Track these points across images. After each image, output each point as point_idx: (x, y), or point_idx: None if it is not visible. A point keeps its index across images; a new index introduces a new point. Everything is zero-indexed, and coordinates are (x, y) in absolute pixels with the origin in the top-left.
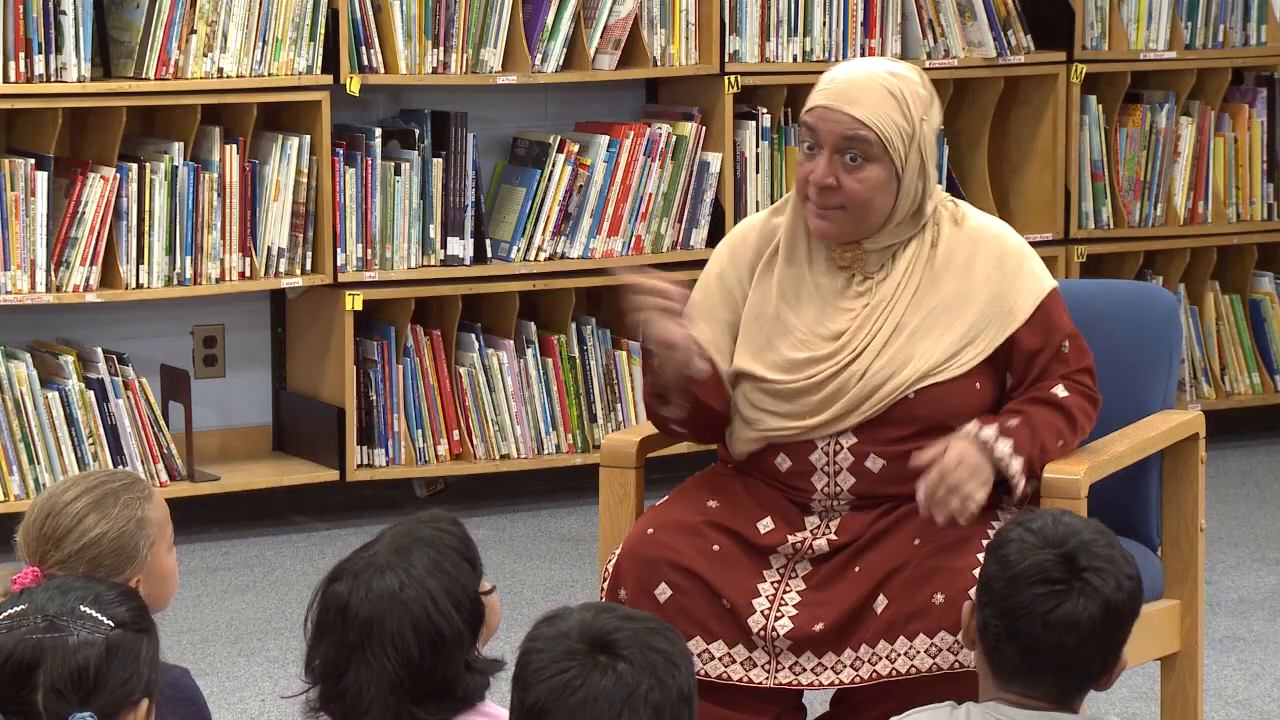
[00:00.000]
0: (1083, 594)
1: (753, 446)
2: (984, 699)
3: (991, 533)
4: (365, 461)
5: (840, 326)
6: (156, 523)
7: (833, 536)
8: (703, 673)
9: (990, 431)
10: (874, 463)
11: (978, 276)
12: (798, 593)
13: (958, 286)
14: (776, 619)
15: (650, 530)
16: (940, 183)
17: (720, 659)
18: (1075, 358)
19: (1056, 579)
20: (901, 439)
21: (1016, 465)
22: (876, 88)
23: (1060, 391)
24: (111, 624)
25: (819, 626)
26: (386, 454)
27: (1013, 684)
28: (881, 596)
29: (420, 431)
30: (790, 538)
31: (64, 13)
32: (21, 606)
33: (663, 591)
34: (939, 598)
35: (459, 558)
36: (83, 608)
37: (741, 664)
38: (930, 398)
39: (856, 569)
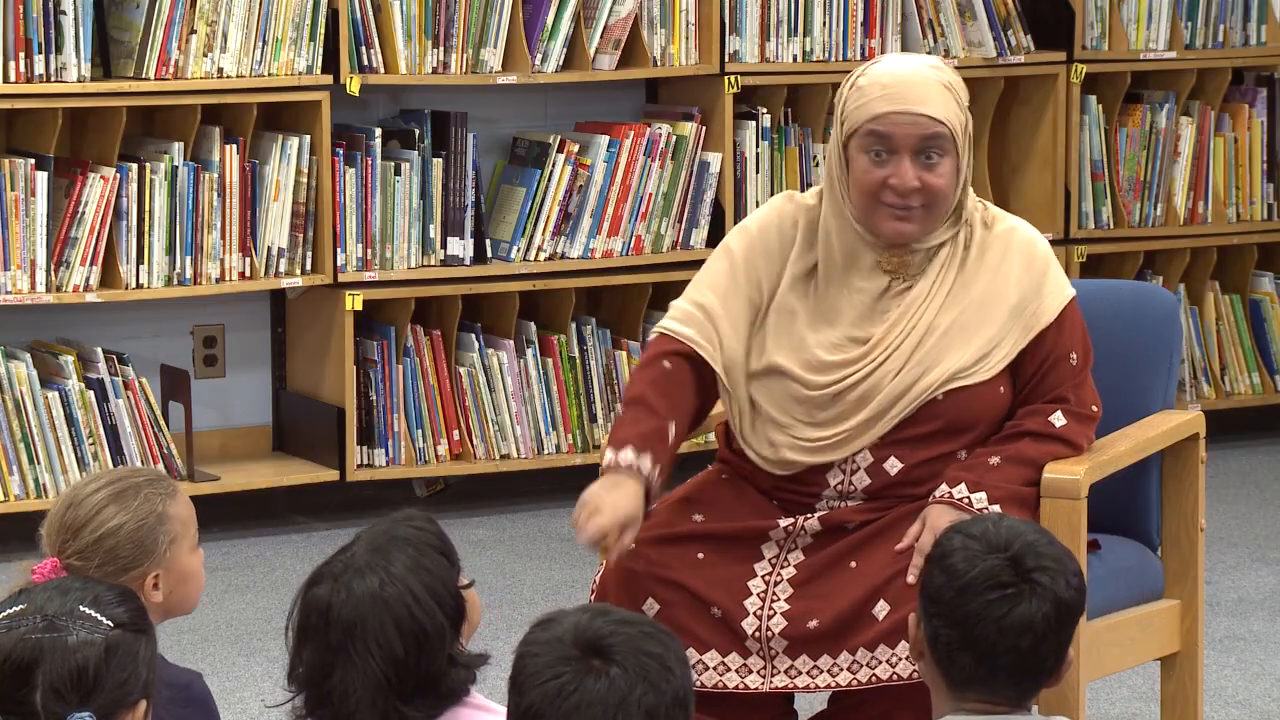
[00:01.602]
0: (1035, 595)
1: (784, 471)
2: (939, 713)
3: None
4: (365, 461)
5: (874, 328)
6: (179, 520)
7: (822, 513)
8: (698, 683)
9: (962, 489)
10: (892, 465)
11: (1009, 278)
12: (789, 582)
13: (989, 287)
14: (770, 617)
15: (632, 545)
16: None
17: (714, 668)
18: (1080, 369)
19: (1007, 583)
20: (923, 440)
21: (996, 512)
22: (934, 83)
23: (1057, 420)
24: (110, 624)
25: (813, 623)
26: (386, 454)
27: (970, 691)
28: (882, 602)
29: (420, 431)
30: (781, 522)
31: (64, 13)
32: (20, 606)
33: (650, 606)
34: None
35: (436, 554)
36: (82, 608)
37: (736, 671)
38: (958, 400)
39: (853, 565)
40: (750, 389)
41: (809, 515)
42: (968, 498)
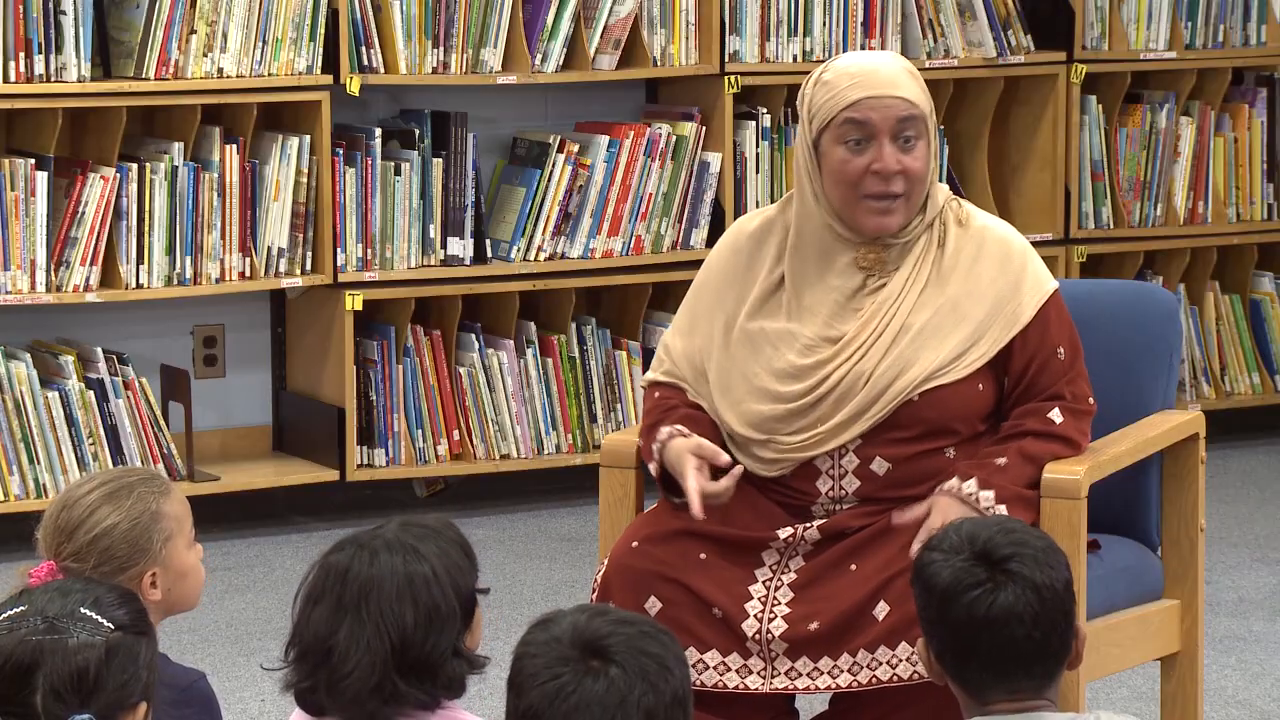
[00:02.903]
0: (1010, 583)
1: (773, 472)
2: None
3: None
4: (365, 461)
5: (847, 327)
6: (173, 517)
7: (821, 521)
8: (698, 682)
9: (972, 485)
10: (879, 466)
11: (983, 278)
12: (790, 586)
13: (964, 287)
14: (770, 620)
15: (635, 543)
16: (940, 180)
17: (715, 668)
18: (1070, 364)
19: (981, 579)
20: (906, 440)
21: (1002, 512)
22: (900, 69)
23: (1056, 417)
24: (111, 626)
25: (814, 626)
26: (386, 454)
27: (990, 694)
28: (883, 603)
29: (420, 431)
30: (780, 533)
31: (64, 13)
32: (21, 608)
33: (653, 605)
34: None
35: (460, 553)
36: (82, 610)
37: (737, 671)
38: (934, 400)
39: (853, 567)
40: (725, 414)
41: (808, 525)
42: (976, 495)
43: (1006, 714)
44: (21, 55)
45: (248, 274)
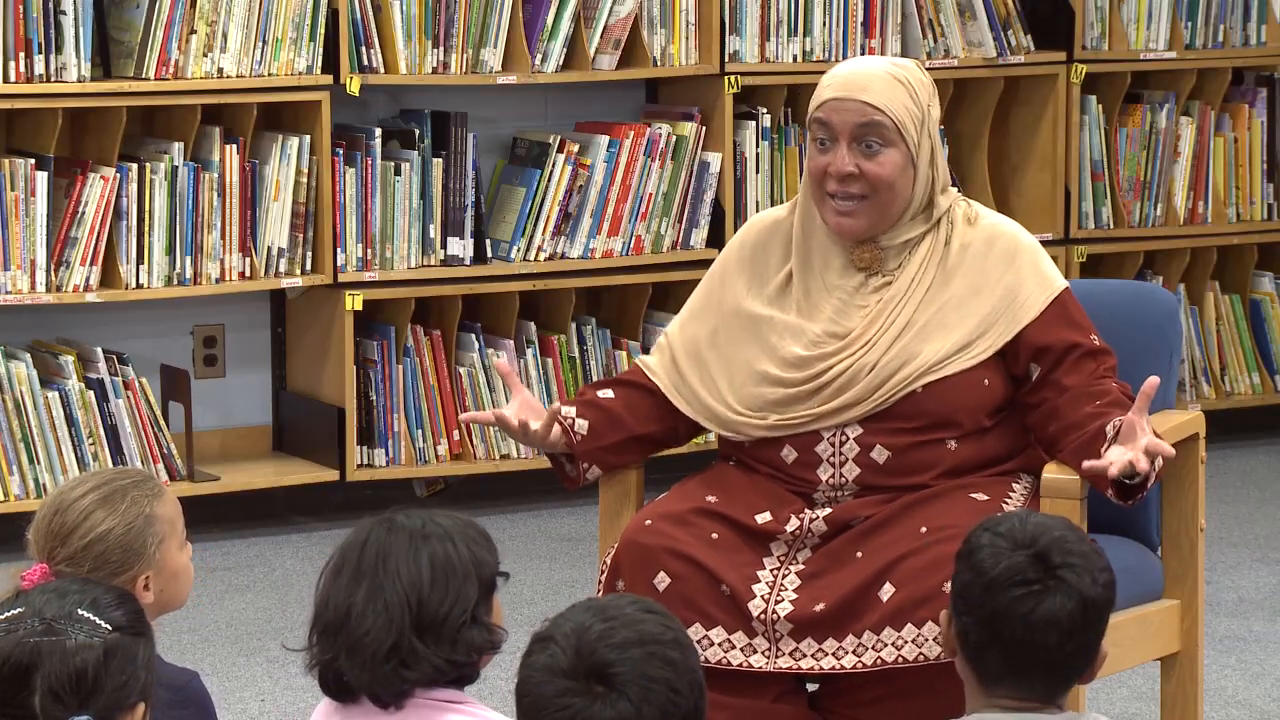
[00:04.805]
0: (1060, 591)
1: (759, 434)
2: (972, 708)
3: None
4: (365, 461)
5: (853, 323)
6: (166, 519)
7: (827, 512)
8: (703, 659)
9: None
10: (879, 454)
11: (990, 273)
12: (797, 574)
13: (970, 282)
14: (777, 602)
15: (648, 521)
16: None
17: (720, 644)
18: (1106, 352)
19: (1033, 579)
20: (908, 430)
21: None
22: (883, 76)
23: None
24: (109, 627)
25: (820, 607)
26: (386, 454)
27: (1001, 687)
28: (889, 584)
29: (420, 431)
30: (788, 526)
31: (64, 13)
32: (19, 610)
33: (661, 580)
34: (948, 586)
35: (479, 534)
36: (80, 611)
37: (741, 650)
38: (937, 392)
39: (859, 554)
40: (726, 395)
41: (815, 516)
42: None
43: (1010, 711)
44: (21, 55)
45: (248, 274)
